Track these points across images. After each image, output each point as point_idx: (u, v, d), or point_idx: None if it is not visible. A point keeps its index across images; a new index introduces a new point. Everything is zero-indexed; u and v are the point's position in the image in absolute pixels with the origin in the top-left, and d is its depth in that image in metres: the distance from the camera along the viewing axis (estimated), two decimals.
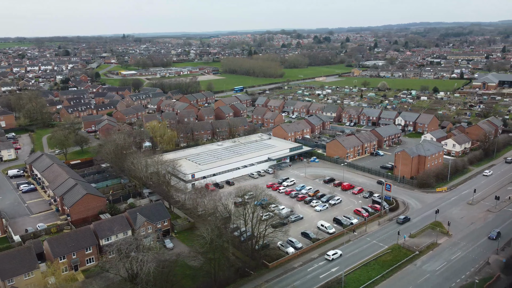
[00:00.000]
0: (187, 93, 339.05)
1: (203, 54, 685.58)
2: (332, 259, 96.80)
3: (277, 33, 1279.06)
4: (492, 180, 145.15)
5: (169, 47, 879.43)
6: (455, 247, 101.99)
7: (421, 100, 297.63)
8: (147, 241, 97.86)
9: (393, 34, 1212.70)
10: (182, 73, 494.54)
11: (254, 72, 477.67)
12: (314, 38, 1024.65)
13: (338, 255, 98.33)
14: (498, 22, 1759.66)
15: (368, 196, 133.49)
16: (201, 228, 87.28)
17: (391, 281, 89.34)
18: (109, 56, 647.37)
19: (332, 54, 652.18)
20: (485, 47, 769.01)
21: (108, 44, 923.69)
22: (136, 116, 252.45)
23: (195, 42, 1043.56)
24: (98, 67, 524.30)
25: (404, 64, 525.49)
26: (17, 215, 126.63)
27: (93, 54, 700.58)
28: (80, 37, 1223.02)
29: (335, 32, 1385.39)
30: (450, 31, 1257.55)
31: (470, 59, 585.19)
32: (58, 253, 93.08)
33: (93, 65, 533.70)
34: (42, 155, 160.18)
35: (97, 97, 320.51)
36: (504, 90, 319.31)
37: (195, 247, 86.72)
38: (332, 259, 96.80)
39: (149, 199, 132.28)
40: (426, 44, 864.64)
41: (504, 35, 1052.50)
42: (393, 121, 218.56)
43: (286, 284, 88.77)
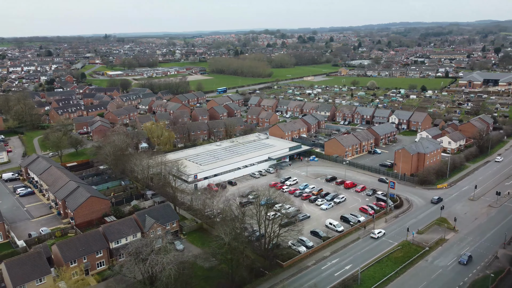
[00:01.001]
0: (177, 93, 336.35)
1: (189, 54, 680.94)
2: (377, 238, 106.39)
3: (261, 33, 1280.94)
4: (490, 176, 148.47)
5: (154, 47, 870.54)
6: (463, 242, 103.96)
7: (411, 98, 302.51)
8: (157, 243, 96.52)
9: (375, 34, 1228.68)
10: (169, 73, 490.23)
11: (243, 72, 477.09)
12: (299, 38, 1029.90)
13: (382, 233, 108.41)
14: (475, 22, 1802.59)
15: (371, 194, 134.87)
16: (218, 229, 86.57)
17: (405, 277, 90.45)
18: (93, 57, 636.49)
19: (318, 54, 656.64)
20: (466, 47, 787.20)
21: (90, 44, 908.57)
22: (128, 117, 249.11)
23: (179, 42, 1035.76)
24: (83, 68, 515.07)
25: (390, 63, 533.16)
26: (17, 219, 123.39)
27: (76, 54, 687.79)
28: (60, 37, 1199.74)
29: (317, 32, 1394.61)
30: (430, 30, 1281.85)
31: (453, 58, 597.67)
32: (69, 258, 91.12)
33: (77, 66, 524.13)
34: (38, 158, 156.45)
35: (86, 98, 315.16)
36: (489, 88, 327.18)
37: (212, 248, 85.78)
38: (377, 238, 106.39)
39: (153, 201, 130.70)
40: (408, 43, 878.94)
41: (482, 34, 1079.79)
42: (387, 120, 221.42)
43: (302, 283, 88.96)
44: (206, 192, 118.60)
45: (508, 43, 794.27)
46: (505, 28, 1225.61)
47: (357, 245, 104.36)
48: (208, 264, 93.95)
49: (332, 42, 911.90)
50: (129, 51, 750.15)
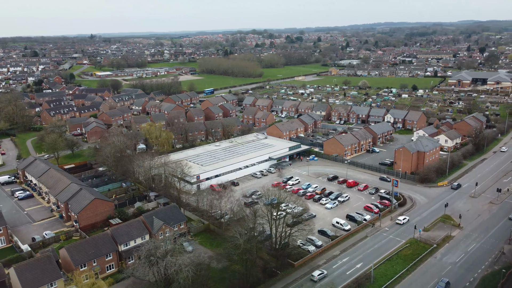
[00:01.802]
0: (170, 93, 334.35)
1: (178, 54, 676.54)
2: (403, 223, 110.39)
3: (248, 33, 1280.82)
4: (488, 174, 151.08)
5: (141, 47, 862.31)
6: (469, 239, 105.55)
7: (403, 97, 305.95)
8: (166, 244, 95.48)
9: (361, 34, 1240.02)
10: (159, 73, 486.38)
11: (233, 72, 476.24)
12: (287, 38, 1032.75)
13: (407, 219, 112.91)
14: (457, 22, 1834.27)
15: (374, 192, 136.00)
16: (233, 230, 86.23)
17: (416, 275, 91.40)
18: (81, 57, 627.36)
19: (307, 54, 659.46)
20: (451, 46, 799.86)
21: (76, 45, 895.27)
22: (122, 118, 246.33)
23: (166, 42, 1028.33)
24: (71, 68, 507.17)
25: (379, 63, 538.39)
26: (18, 223, 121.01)
27: (63, 55, 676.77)
28: (44, 37, 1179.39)
29: (304, 32, 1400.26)
30: (415, 31, 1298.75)
31: (439, 57, 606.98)
32: (79, 261, 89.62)
33: (65, 66, 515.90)
34: (35, 160, 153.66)
35: (77, 99, 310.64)
36: (478, 87, 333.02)
37: (228, 249, 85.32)
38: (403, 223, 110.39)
39: (157, 202, 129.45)
40: (395, 43, 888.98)
41: (466, 34, 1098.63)
42: (382, 119, 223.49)
43: (317, 281, 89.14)
44: (210, 193, 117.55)
45: (491, 43, 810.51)
46: (487, 28, 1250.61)
47: (365, 244, 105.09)
48: (220, 265, 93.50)
49: (320, 42, 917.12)
50: (117, 51, 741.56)
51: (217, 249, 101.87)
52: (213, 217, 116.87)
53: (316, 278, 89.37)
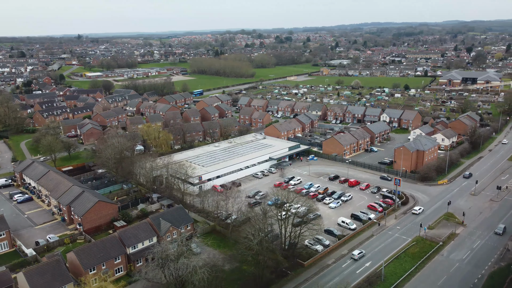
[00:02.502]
0: (163, 94, 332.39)
1: (168, 54, 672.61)
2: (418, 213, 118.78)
3: (237, 33, 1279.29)
4: (485, 171, 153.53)
5: (130, 47, 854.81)
6: (473, 236, 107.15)
7: (396, 97, 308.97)
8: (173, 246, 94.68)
9: (349, 34, 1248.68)
10: (151, 74, 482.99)
11: (225, 72, 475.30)
12: (276, 38, 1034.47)
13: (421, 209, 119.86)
14: (443, 23, 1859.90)
15: (376, 191, 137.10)
16: (245, 231, 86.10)
17: (425, 272, 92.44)
18: (69, 58, 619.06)
19: (297, 54, 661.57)
20: (438, 46, 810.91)
21: (64, 45, 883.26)
22: (117, 119, 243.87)
23: (155, 43, 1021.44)
24: (60, 69, 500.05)
25: (369, 63, 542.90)
26: (20, 227, 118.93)
27: (51, 55, 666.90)
28: (30, 38, 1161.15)
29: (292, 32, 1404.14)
30: (402, 31, 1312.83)
31: (428, 57, 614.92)
32: (88, 265, 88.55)
33: (54, 67, 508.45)
34: (33, 163, 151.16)
35: (68, 100, 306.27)
36: (469, 87, 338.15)
37: (241, 249, 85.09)
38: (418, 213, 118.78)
39: (160, 204, 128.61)
40: (383, 43, 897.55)
41: (452, 34, 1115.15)
42: (378, 118, 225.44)
43: (327, 281, 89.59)
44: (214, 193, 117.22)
45: (477, 43, 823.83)
46: (472, 28, 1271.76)
47: (372, 242, 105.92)
48: (229, 266, 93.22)
49: (309, 42, 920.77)
50: (106, 51, 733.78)
51: (225, 250, 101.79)
52: (219, 218, 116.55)
53: (356, 257, 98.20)
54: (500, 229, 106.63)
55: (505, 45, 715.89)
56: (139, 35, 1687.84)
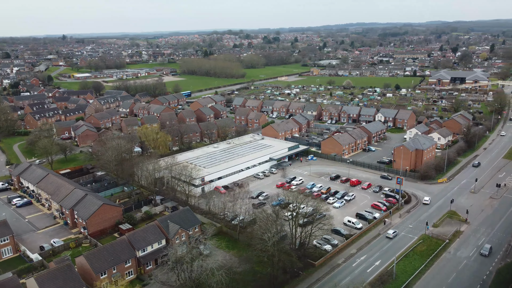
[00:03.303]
0: (155, 95, 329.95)
1: (157, 55, 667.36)
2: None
3: (224, 33, 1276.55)
4: (482, 169, 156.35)
5: (117, 48, 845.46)
6: (478, 234, 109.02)
7: (387, 97, 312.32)
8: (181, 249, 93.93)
9: (336, 34, 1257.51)
10: (140, 74, 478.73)
11: (215, 73, 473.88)
12: (264, 38, 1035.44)
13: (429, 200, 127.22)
14: (426, 23, 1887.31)
15: (378, 190, 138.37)
16: (260, 232, 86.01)
17: (434, 270, 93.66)
18: (56, 58, 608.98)
19: (286, 54, 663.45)
20: (424, 46, 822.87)
21: (49, 46, 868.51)
22: (110, 121, 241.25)
23: (142, 43, 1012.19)
24: (47, 70, 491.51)
25: (359, 63, 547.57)
26: (21, 231, 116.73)
27: (37, 56, 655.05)
28: (13, 38, 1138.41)
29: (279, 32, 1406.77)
30: (387, 31, 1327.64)
31: (415, 57, 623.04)
32: (99, 269, 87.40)
33: (40, 68, 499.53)
34: (30, 166, 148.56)
35: (59, 101, 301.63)
36: (458, 86, 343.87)
37: (257, 251, 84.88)
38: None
39: (164, 206, 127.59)
40: (370, 43, 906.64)
41: (436, 34, 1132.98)
42: (373, 118, 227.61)
43: (339, 280, 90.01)
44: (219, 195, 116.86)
45: (461, 43, 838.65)
46: (455, 29, 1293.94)
47: (379, 241, 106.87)
48: (241, 267, 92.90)
49: (297, 43, 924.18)
50: (93, 52, 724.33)
51: (233, 252, 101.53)
52: (225, 220, 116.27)
53: (391, 236, 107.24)
54: (486, 250, 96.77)
55: (489, 45, 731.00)
56: (124, 35, 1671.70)
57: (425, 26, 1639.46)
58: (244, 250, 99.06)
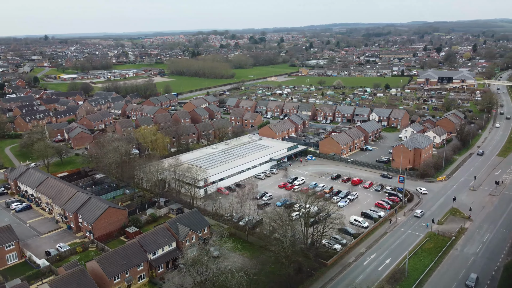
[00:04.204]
0: (146, 96, 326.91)
1: (144, 55, 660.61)
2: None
3: (210, 33, 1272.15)
4: (479, 167, 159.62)
5: (102, 48, 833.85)
6: (482, 230, 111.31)
7: (378, 96, 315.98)
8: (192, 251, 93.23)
9: (321, 34, 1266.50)
10: (128, 75, 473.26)
11: (204, 73, 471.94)
12: (250, 38, 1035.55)
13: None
14: (408, 23, 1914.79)
15: (380, 189, 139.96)
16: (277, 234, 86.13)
17: (444, 267, 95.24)
18: (40, 59, 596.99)
19: (274, 54, 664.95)
20: (408, 46, 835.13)
21: (31, 46, 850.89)
22: (103, 123, 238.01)
23: (127, 43, 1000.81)
24: (32, 71, 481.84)
25: (346, 63, 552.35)
26: (24, 236, 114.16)
27: (20, 57, 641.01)
28: None
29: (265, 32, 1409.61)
30: (371, 31, 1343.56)
31: (401, 57, 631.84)
32: (113, 273, 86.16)
33: (25, 69, 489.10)
34: (28, 169, 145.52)
35: (47, 103, 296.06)
36: (446, 86, 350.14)
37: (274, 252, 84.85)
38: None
39: (169, 208, 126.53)
40: (355, 43, 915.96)
41: (419, 35, 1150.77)
42: (367, 117, 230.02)
43: (352, 279, 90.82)
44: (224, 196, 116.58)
45: (444, 43, 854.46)
46: (437, 29, 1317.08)
47: (387, 240, 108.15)
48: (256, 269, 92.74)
49: (283, 43, 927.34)
50: (78, 53, 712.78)
51: (242, 253, 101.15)
52: (231, 221, 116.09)
53: (419, 214, 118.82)
54: (472, 281, 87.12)
55: (471, 45, 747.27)
56: (107, 35, 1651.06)
57: (407, 26, 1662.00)
58: (255, 251, 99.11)
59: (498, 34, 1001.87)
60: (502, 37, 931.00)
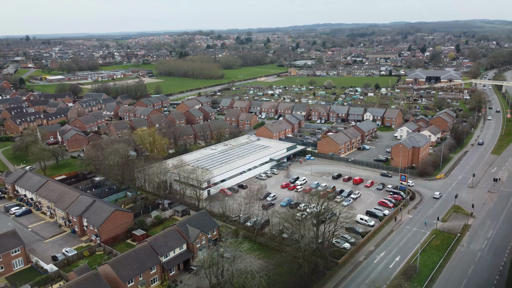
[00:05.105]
0: (137, 97, 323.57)
1: (130, 56, 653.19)
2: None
3: (195, 34, 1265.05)
4: (475, 164, 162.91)
5: (86, 49, 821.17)
6: (485, 226, 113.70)
7: (369, 96, 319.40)
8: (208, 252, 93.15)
9: (306, 35, 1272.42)
10: (116, 76, 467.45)
11: (193, 74, 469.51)
12: (236, 39, 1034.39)
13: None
14: (390, 24, 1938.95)
15: (381, 188, 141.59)
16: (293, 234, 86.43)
17: (453, 263, 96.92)
18: (24, 60, 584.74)
19: (262, 55, 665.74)
20: (393, 46, 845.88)
21: (13, 47, 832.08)
22: (96, 124, 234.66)
23: (112, 44, 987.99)
24: (17, 72, 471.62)
25: (334, 63, 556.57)
26: (28, 242, 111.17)
27: (3, 58, 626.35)
28: None
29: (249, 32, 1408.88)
30: (355, 31, 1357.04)
31: (387, 57, 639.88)
32: (126, 277, 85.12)
33: (9, 70, 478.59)
34: (26, 173, 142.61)
35: (36, 105, 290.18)
36: (435, 85, 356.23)
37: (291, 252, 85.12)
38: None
39: (174, 210, 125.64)
40: (341, 44, 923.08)
41: (402, 35, 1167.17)
42: (361, 117, 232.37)
43: (365, 277, 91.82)
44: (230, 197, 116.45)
45: (427, 43, 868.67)
46: (419, 29, 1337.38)
47: (394, 237, 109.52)
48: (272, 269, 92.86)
49: (269, 43, 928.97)
50: (62, 53, 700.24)
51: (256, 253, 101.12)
52: (238, 222, 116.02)
53: (438, 196, 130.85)
54: None
55: (453, 45, 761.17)
56: (89, 36, 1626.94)
57: (390, 26, 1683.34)
58: (265, 252, 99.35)
59: (478, 35, 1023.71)
60: (483, 37, 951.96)
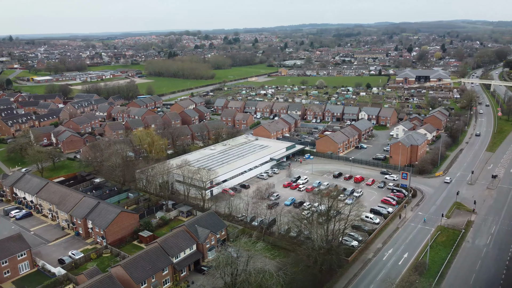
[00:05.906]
0: (128, 98, 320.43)
1: (118, 56, 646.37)
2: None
3: (182, 34, 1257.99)
4: (471, 162, 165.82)
5: (72, 50, 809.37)
6: (488, 222, 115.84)
7: (361, 95, 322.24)
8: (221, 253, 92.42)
9: (293, 35, 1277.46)
10: (105, 77, 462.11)
11: (184, 74, 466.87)
12: (224, 39, 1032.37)
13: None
14: (375, 24, 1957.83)
15: (383, 186, 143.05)
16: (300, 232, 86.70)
17: (460, 258, 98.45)
18: (10, 61, 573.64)
19: (251, 55, 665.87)
20: (379, 46, 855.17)
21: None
22: (90, 125, 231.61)
23: (98, 44, 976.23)
24: (3, 73, 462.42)
25: (324, 63, 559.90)
26: (31, 245, 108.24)
27: None
28: None
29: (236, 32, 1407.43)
30: (341, 32, 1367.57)
31: (375, 57, 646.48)
32: (139, 279, 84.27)
33: None
34: (24, 175, 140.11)
35: (25, 106, 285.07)
36: (425, 84, 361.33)
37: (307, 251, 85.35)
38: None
39: (178, 211, 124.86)
40: (328, 44, 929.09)
41: (388, 35, 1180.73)
42: (356, 116, 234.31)
43: (375, 274, 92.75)
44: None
45: (413, 43, 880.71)
46: (404, 29, 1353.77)
47: (400, 235, 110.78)
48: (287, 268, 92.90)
49: (258, 43, 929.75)
50: (48, 54, 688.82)
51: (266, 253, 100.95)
52: (244, 221, 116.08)
53: (449, 180, 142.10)
54: None
55: (438, 45, 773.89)
56: (74, 36, 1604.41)
57: (375, 27, 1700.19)
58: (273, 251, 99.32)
59: (462, 35, 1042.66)
60: (466, 37, 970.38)
